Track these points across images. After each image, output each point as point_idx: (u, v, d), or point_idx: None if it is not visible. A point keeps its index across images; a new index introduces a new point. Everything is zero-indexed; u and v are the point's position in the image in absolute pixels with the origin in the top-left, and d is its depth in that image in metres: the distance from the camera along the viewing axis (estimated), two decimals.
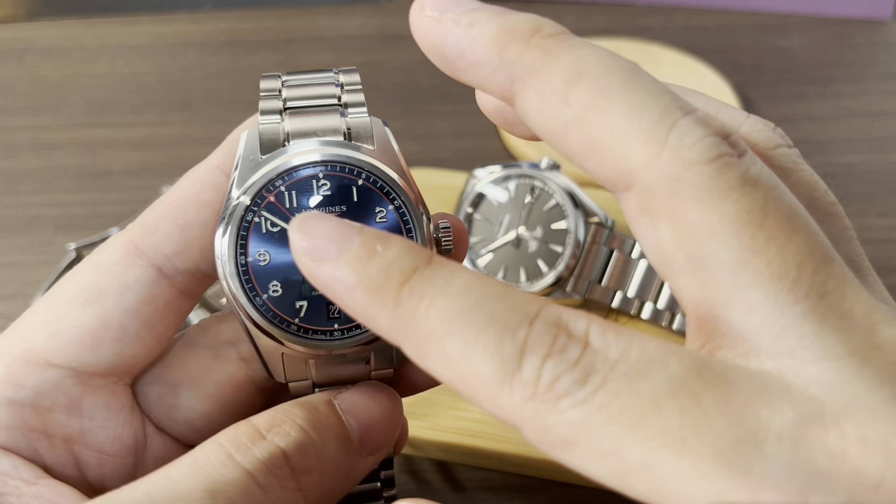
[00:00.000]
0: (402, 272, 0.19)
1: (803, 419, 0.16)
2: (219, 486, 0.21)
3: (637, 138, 0.19)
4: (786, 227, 0.18)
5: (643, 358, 0.17)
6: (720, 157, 0.18)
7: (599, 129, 0.19)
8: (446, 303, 0.18)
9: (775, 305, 0.18)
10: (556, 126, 0.20)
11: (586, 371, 0.17)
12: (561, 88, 0.19)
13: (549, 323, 0.18)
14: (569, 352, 0.17)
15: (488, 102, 0.25)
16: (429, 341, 0.18)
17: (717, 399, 0.17)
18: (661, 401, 0.16)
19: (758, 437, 0.16)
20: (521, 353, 0.17)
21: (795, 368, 0.17)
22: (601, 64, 0.19)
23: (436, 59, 0.22)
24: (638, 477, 0.16)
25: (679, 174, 0.18)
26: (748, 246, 0.18)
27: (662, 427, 0.16)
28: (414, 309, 0.18)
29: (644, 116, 0.19)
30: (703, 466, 0.16)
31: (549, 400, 0.17)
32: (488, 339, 0.17)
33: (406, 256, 0.19)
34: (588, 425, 0.17)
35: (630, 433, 0.16)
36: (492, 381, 0.17)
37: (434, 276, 0.18)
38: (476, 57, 0.21)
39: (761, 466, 0.16)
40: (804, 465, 0.16)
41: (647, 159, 0.19)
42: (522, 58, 0.20)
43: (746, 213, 0.18)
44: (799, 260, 0.18)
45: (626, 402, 0.17)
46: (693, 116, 0.19)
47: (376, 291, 0.19)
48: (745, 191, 0.18)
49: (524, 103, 0.20)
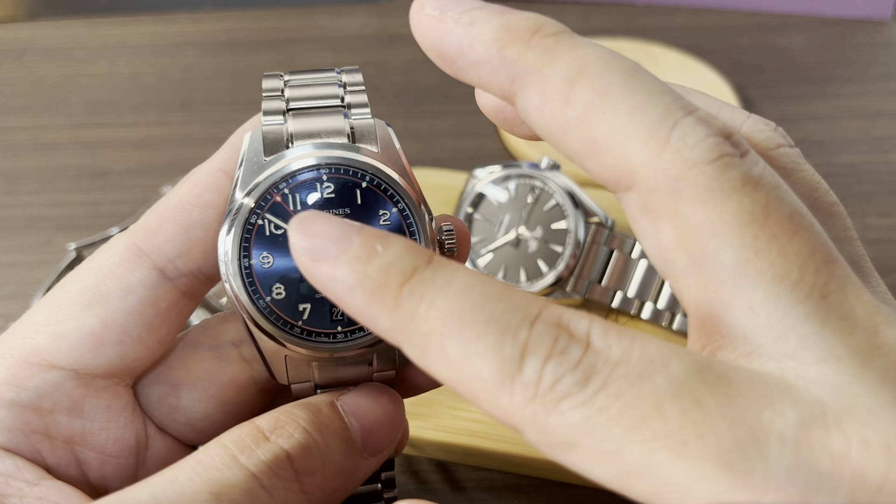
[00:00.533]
0: (402, 272, 0.18)
1: (805, 421, 0.16)
2: (223, 488, 0.21)
3: (638, 138, 0.18)
4: (788, 228, 0.18)
5: (644, 359, 0.17)
6: (722, 156, 0.18)
7: (600, 129, 0.19)
8: (446, 303, 0.18)
9: (777, 306, 0.18)
10: (556, 126, 0.20)
11: (587, 372, 0.17)
12: (562, 88, 0.19)
13: (550, 324, 0.17)
14: (570, 353, 0.17)
15: (488, 102, 0.25)
16: (429, 342, 0.18)
17: (718, 401, 0.17)
18: (663, 402, 0.16)
19: (759, 438, 0.16)
20: (522, 355, 0.17)
21: (797, 370, 0.17)
22: (602, 63, 0.19)
23: (436, 59, 0.22)
24: (639, 479, 0.16)
25: (681, 174, 0.18)
26: (750, 246, 0.18)
27: (664, 429, 0.16)
28: (414, 309, 0.18)
29: (645, 116, 0.19)
30: (705, 468, 0.16)
31: (550, 401, 0.17)
32: (489, 340, 0.17)
33: (406, 256, 0.19)
34: (589, 427, 0.17)
35: (631, 435, 0.16)
36: (492, 383, 0.17)
37: (434, 276, 0.18)
38: (477, 56, 0.20)
39: (763, 468, 0.16)
40: (806, 467, 0.16)
41: (648, 159, 0.18)
42: (523, 57, 0.20)
43: (748, 214, 0.18)
44: (801, 260, 0.18)
45: (627, 404, 0.16)
46: (695, 116, 0.19)
47: (376, 292, 0.18)
48: (747, 191, 0.18)
49: (525, 103, 0.20)
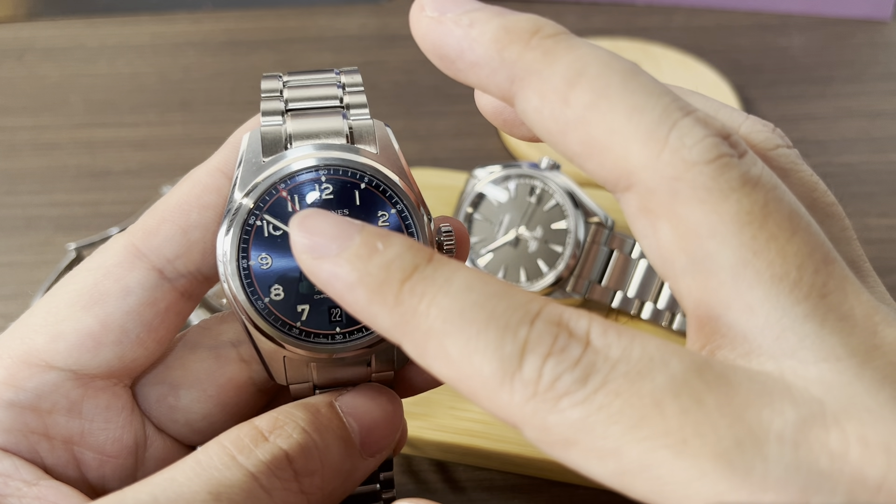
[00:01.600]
0: (402, 270, 0.19)
1: (804, 420, 0.16)
2: (223, 489, 0.21)
3: (637, 139, 0.19)
4: (786, 228, 0.18)
5: (644, 358, 0.17)
6: (720, 157, 0.18)
7: (599, 130, 0.19)
8: (447, 301, 0.18)
9: (776, 306, 0.18)
10: (555, 126, 0.20)
11: (587, 371, 0.17)
12: (561, 89, 0.19)
13: (551, 322, 0.18)
14: (570, 351, 0.17)
15: (487, 104, 0.25)
16: (429, 340, 0.18)
17: (718, 399, 0.17)
18: (663, 401, 0.16)
19: (759, 437, 0.16)
20: (522, 353, 0.17)
21: (796, 369, 0.17)
22: (601, 64, 0.19)
23: (436, 60, 0.22)
24: (638, 477, 0.16)
25: (679, 174, 0.18)
26: (749, 246, 0.18)
27: (663, 427, 0.16)
28: (415, 307, 0.18)
29: (644, 117, 0.19)
30: (704, 467, 0.16)
31: (550, 399, 0.17)
32: (489, 338, 0.17)
33: (407, 254, 0.19)
34: (588, 425, 0.17)
35: (630, 433, 0.16)
36: (492, 380, 0.17)
37: (435, 274, 0.18)
38: (476, 57, 0.20)
39: (762, 467, 0.16)
40: (805, 466, 0.16)
41: (647, 160, 0.19)
42: (522, 58, 0.20)
43: (747, 214, 0.18)
44: (800, 261, 0.18)
45: (626, 402, 0.16)
46: (693, 117, 0.19)
47: (377, 289, 0.18)
48: (746, 191, 0.18)
49: (524, 104, 0.20)
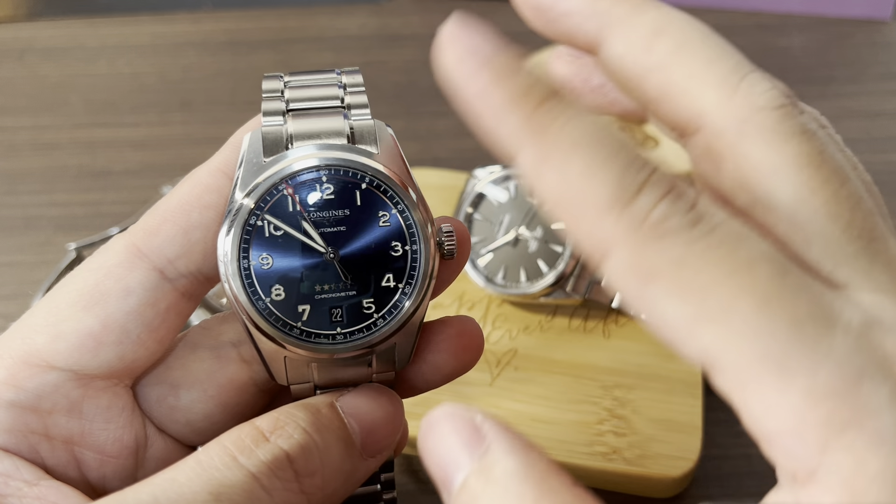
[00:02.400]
0: (545, 92, 0.19)
1: (867, 322, 0.18)
2: (223, 489, 0.21)
3: (713, 84, 0.21)
4: (839, 176, 0.20)
5: (743, 231, 0.18)
6: (784, 106, 0.21)
7: (678, 75, 0.21)
8: (580, 129, 0.18)
9: (831, 241, 0.19)
10: (637, 71, 0.22)
11: (696, 218, 0.18)
12: (646, 37, 0.22)
13: (666, 177, 0.18)
14: (683, 200, 0.18)
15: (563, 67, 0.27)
16: (554, 151, 0.18)
17: (798, 279, 0.18)
18: (755, 264, 0.17)
19: (831, 318, 0.17)
20: (640, 188, 0.18)
21: (851, 295, 0.19)
22: (682, 20, 0.22)
23: (529, 10, 0.24)
24: (709, 325, 0.17)
25: (748, 116, 0.20)
26: (807, 185, 0.20)
27: (750, 283, 0.17)
28: (549, 122, 0.18)
29: (720, 65, 0.21)
30: (778, 325, 0.17)
31: (655, 234, 0.17)
32: (613, 168, 0.18)
33: (549, 85, 0.19)
34: (685, 262, 0.17)
35: (721, 280, 0.17)
36: (602, 204, 0.18)
37: (572, 106, 0.19)
38: (569, 7, 0.23)
39: (828, 343, 0.17)
40: (864, 355, 0.17)
41: (719, 102, 0.21)
42: (613, 10, 0.22)
43: (806, 156, 0.20)
44: (851, 204, 0.20)
45: (724, 254, 0.17)
46: (761, 73, 0.21)
47: (514, 99, 0.19)
48: (805, 138, 0.20)
49: (609, 51, 0.22)
